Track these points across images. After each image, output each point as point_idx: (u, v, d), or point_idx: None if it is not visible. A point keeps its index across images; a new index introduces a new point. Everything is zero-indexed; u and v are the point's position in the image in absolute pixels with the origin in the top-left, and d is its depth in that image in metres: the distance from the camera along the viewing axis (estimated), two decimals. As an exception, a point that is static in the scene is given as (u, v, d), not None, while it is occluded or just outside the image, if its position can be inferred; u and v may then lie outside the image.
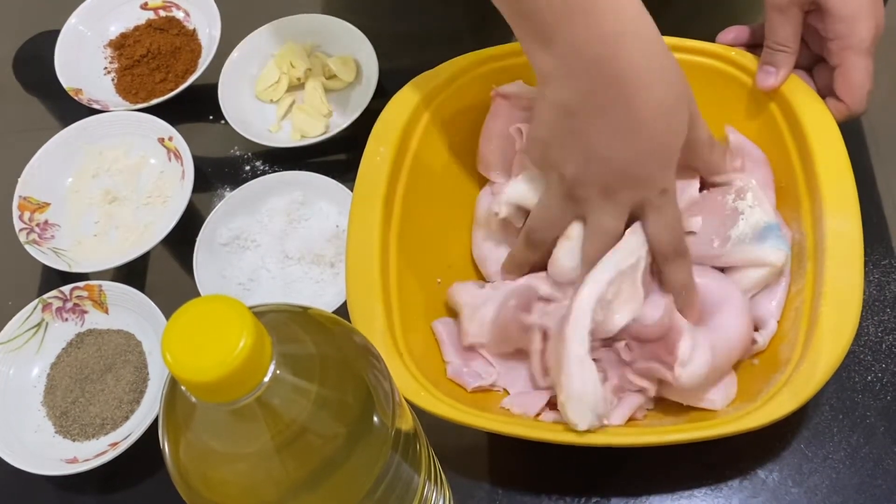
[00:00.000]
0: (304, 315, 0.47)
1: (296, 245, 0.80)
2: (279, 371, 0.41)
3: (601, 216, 0.62)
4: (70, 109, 0.91)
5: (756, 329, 0.65)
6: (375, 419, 0.45)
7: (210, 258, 0.80)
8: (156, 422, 0.62)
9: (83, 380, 0.76)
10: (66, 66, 0.93)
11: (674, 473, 0.67)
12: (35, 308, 0.78)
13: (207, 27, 0.94)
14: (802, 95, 0.68)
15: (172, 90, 0.90)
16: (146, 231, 0.83)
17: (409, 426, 0.49)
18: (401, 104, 0.71)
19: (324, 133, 0.86)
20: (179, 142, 0.85)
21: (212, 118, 0.90)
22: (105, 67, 0.95)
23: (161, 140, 0.86)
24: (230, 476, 0.44)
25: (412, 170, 0.70)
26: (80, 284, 0.79)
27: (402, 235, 0.68)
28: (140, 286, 0.79)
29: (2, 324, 0.78)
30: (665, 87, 0.59)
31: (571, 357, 0.60)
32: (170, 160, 0.86)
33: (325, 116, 0.87)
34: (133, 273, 0.83)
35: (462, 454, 0.69)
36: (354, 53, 0.89)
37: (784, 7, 0.67)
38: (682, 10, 0.88)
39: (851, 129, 0.70)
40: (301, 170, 0.83)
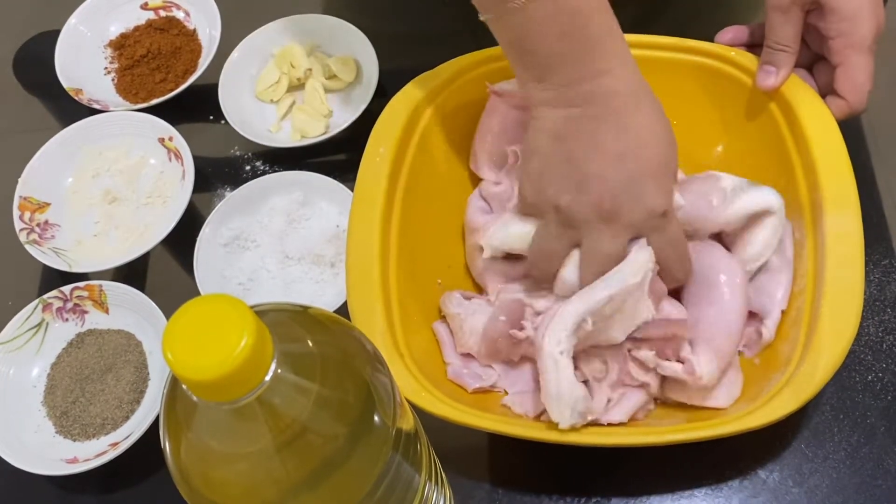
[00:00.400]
0: (305, 314, 0.47)
1: (296, 245, 0.80)
2: (280, 370, 0.41)
3: (598, 240, 0.61)
4: (70, 109, 0.91)
5: (760, 320, 0.65)
6: (376, 419, 0.45)
7: (210, 258, 0.80)
8: (156, 422, 0.62)
9: (83, 380, 0.76)
10: (66, 66, 0.93)
11: (674, 473, 0.67)
12: (35, 308, 0.78)
13: (207, 27, 0.94)
14: (802, 95, 0.68)
15: (172, 90, 0.90)
16: (146, 231, 0.83)
17: (410, 426, 0.49)
18: (401, 104, 0.71)
19: (324, 133, 0.86)
20: (179, 142, 0.85)
21: (212, 118, 0.90)
22: (105, 67, 0.95)
23: (161, 140, 0.86)
24: (231, 475, 0.44)
25: (412, 170, 0.70)
26: (81, 284, 0.79)
27: (403, 236, 0.68)
28: (140, 286, 0.79)
29: (2, 324, 0.78)
30: (654, 110, 0.61)
31: (546, 357, 0.60)
32: (170, 160, 0.86)
33: (325, 116, 0.87)
34: (133, 273, 0.83)
35: (462, 454, 0.69)
36: (354, 53, 0.89)
37: (785, 7, 0.67)
38: (682, 10, 0.88)
39: (851, 129, 0.70)
40: (301, 170, 0.83)
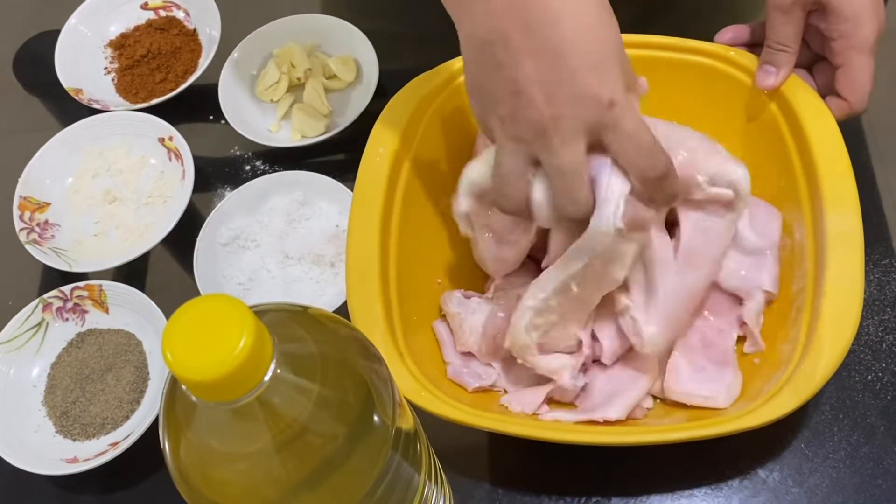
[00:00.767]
0: (305, 314, 0.47)
1: (296, 245, 0.80)
2: (280, 370, 0.41)
3: (553, 153, 0.55)
4: (70, 109, 0.91)
5: (740, 302, 0.65)
6: (376, 419, 0.45)
7: (210, 258, 0.80)
8: (156, 421, 0.62)
9: (83, 379, 0.76)
10: (66, 66, 0.93)
11: (674, 473, 0.67)
12: (35, 308, 0.78)
13: (207, 27, 0.94)
14: (802, 95, 0.68)
15: (172, 90, 0.90)
16: (146, 231, 0.83)
17: (410, 426, 0.49)
18: (401, 104, 0.71)
19: (324, 133, 0.86)
20: (179, 142, 0.85)
21: (212, 118, 0.90)
22: (105, 67, 0.95)
23: (161, 140, 0.86)
24: (231, 475, 0.44)
25: (412, 170, 0.70)
26: (81, 284, 0.79)
27: (402, 235, 0.68)
28: (140, 286, 0.79)
29: (2, 324, 0.78)
30: (584, 6, 0.55)
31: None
32: (170, 160, 0.86)
33: (325, 116, 0.87)
34: (133, 273, 0.83)
35: (462, 454, 0.69)
36: (354, 53, 0.89)
37: (787, 7, 0.66)
38: (682, 10, 0.88)
39: (851, 129, 0.70)
40: (301, 170, 0.83)
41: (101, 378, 0.76)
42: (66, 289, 0.79)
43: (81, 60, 0.94)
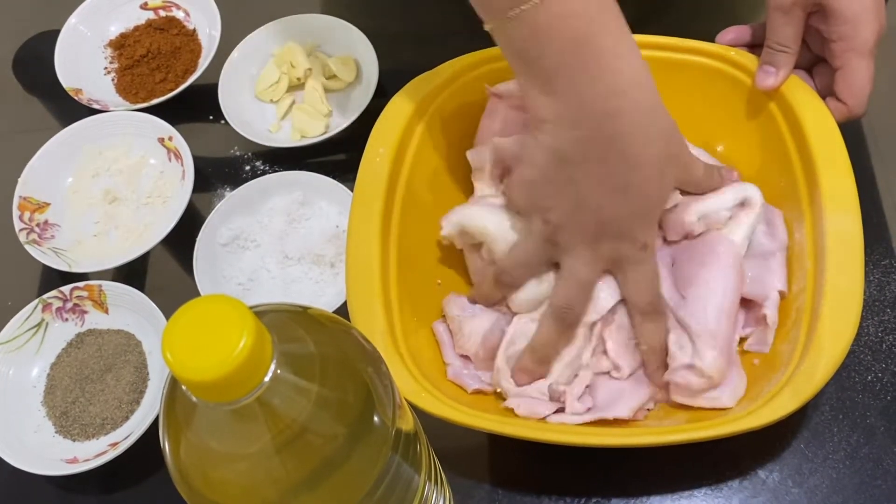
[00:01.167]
0: (305, 315, 0.47)
1: (296, 245, 0.80)
2: (280, 371, 0.41)
3: (577, 263, 0.62)
4: (70, 109, 0.91)
5: (759, 305, 0.65)
6: (376, 419, 0.45)
7: (210, 258, 0.80)
8: (156, 422, 0.62)
9: (83, 380, 0.76)
10: (66, 66, 0.93)
11: (674, 473, 0.67)
12: (35, 308, 0.78)
13: (207, 27, 0.94)
14: (802, 95, 0.68)
15: (172, 90, 0.90)
16: (146, 231, 0.83)
17: (410, 426, 0.49)
18: (401, 104, 0.71)
19: (324, 133, 0.86)
20: (179, 142, 0.85)
21: (212, 118, 0.90)
22: (105, 67, 0.95)
23: (161, 140, 0.86)
24: (231, 476, 0.44)
25: (412, 170, 0.70)
26: (80, 284, 0.79)
27: (402, 236, 0.68)
28: (140, 286, 0.79)
29: (2, 324, 0.78)
30: (663, 145, 0.60)
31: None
32: (170, 160, 0.86)
33: (325, 116, 0.87)
34: (133, 273, 0.83)
35: (462, 454, 0.69)
36: (354, 53, 0.89)
37: (787, 8, 0.66)
38: (683, 10, 0.88)
39: (851, 129, 0.69)
40: (301, 170, 0.83)
41: (101, 378, 0.76)
42: (66, 289, 0.79)
43: (81, 60, 0.94)
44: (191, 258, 0.79)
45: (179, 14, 0.96)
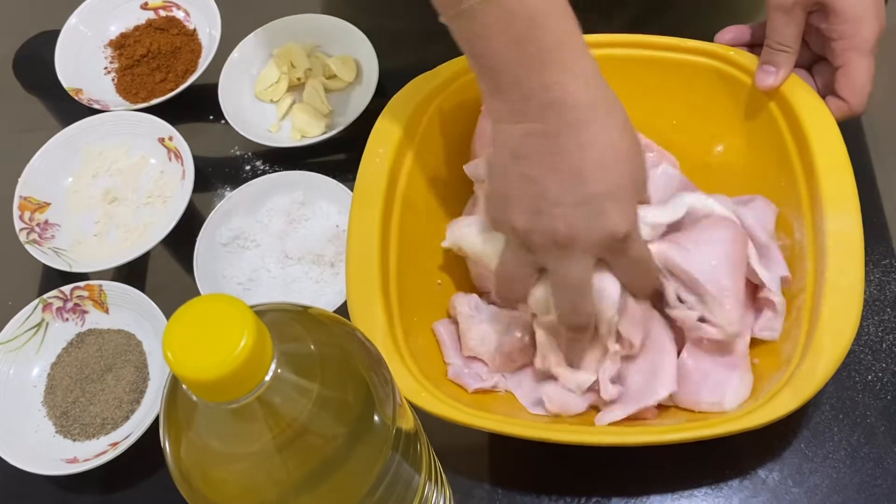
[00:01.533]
0: (305, 314, 0.47)
1: (296, 245, 0.80)
2: (280, 370, 0.41)
3: (561, 266, 0.59)
4: (70, 109, 0.91)
5: (755, 308, 0.65)
6: (376, 418, 0.45)
7: (210, 258, 0.80)
8: (156, 422, 0.62)
9: (83, 380, 0.76)
10: (66, 66, 0.93)
11: (674, 473, 0.67)
12: (35, 308, 0.78)
13: (207, 27, 0.94)
14: (802, 95, 0.68)
15: (172, 90, 0.90)
16: (146, 231, 0.83)
17: (410, 426, 0.49)
18: (400, 105, 0.71)
19: (324, 133, 0.86)
20: (179, 142, 0.85)
21: (212, 118, 0.90)
22: (105, 67, 0.95)
23: (161, 140, 0.86)
24: (231, 475, 0.44)
25: (412, 171, 0.70)
26: (81, 284, 0.79)
27: (402, 236, 0.68)
28: (140, 286, 0.79)
29: (2, 324, 0.78)
30: (615, 124, 0.58)
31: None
32: (170, 160, 0.86)
33: (325, 116, 0.87)
34: (133, 273, 0.83)
35: (462, 454, 0.69)
36: (354, 53, 0.89)
37: (788, 8, 0.66)
38: (682, 10, 0.88)
39: (851, 129, 0.70)
40: (301, 170, 0.83)
41: (101, 378, 0.76)
42: (66, 289, 0.79)
43: (81, 60, 0.94)
44: (191, 258, 0.79)
45: (179, 14, 0.96)
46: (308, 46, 0.91)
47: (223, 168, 0.88)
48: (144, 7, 0.97)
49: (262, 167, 0.87)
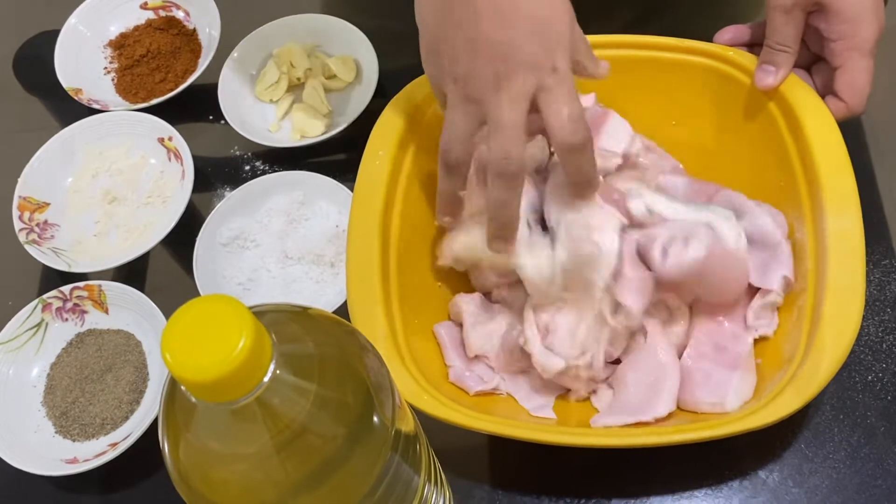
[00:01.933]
0: (304, 315, 0.47)
1: (296, 245, 0.80)
2: (279, 371, 0.41)
3: (498, 110, 0.59)
4: (70, 109, 0.91)
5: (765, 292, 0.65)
6: (375, 419, 0.45)
7: (210, 258, 0.80)
8: (156, 422, 0.62)
9: (83, 380, 0.76)
10: (66, 66, 0.93)
11: (674, 473, 0.67)
12: (35, 308, 0.78)
13: (207, 27, 0.94)
14: (802, 94, 0.68)
15: (172, 90, 0.90)
16: (146, 231, 0.83)
17: (410, 427, 0.49)
18: (400, 105, 0.71)
19: (324, 133, 0.85)
20: (179, 142, 0.85)
21: (212, 118, 0.90)
22: (105, 67, 0.95)
23: (161, 140, 0.86)
24: (230, 476, 0.44)
25: (412, 172, 0.70)
26: (80, 284, 0.79)
27: (403, 238, 0.68)
28: (140, 286, 0.79)
29: (2, 324, 0.78)
30: None
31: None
32: (170, 160, 0.86)
33: (325, 116, 0.87)
34: (133, 273, 0.83)
35: (462, 455, 0.69)
36: (354, 53, 0.89)
37: (787, 8, 0.66)
38: (682, 10, 0.88)
39: (851, 129, 0.70)
40: (301, 170, 0.83)
41: (101, 378, 0.76)
42: (66, 289, 0.79)
43: (81, 60, 0.94)
44: (191, 258, 0.79)
45: (179, 14, 0.96)
46: (308, 46, 0.91)
47: (223, 168, 0.88)
48: (144, 7, 0.97)
49: (262, 167, 0.87)
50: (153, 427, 0.71)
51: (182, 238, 0.81)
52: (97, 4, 0.96)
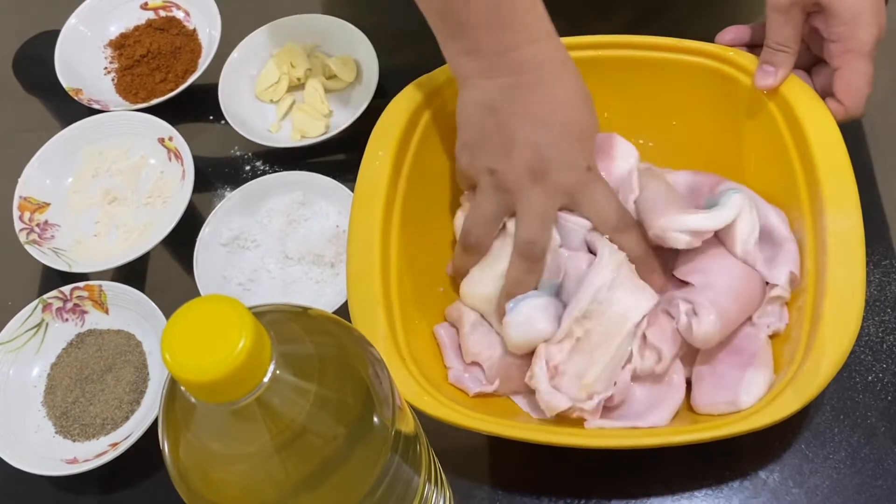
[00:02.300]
0: (304, 315, 0.47)
1: (296, 245, 0.80)
2: (279, 371, 0.41)
3: (530, 198, 0.64)
4: (70, 109, 0.91)
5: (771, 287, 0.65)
6: (375, 419, 0.45)
7: (210, 258, 0.80)
8: (156, 422, 0.62)
9: (83, 380, 0.76)
10: (66, 66, 0.93)
11: (674, 474, 0.67)
12: (35, 308, 0.78)
13: (207, 27, 0.94)
14: (802, 95, 0.68)
15: (172, 90, 0.90)
16: (146, 231, 0.83)
17: (410, 428, 0.49)
18: (400, 106, 0.71)
19: (324, 133, 0.85)
20: (179, 142, 0.85)
21: (212, 118, 0.90)
22: (105, 67, 0.95)
23: (161, 140, 0.86)
24: (230, 476, 0.44)
25: (412, 173, 0.70)
26: (81, 284, 0.79)
27: (403, 239, 0.68)
28: (140, 286, 0.79)
29: (2, 324, 0.78)
30: (576, 80, 0.66)
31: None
32: (170, 160, 0.86)
33: (325, 116, 0.87)
34: (133, 273, 0.83)
35: (462, 455, 0.69)
36: (354, 53, 0.89)
37: (786, 8, 0.66)
38: (682, 10, 0.88)
39: (851, 129, 0.69)
40: (301, 170, 0.83)
41: (101, 378, 0.76)
42: (66, 289, 0.79)
43: (81, 60, 0.94)
44: (191, 258, 0.79)
45: (179, 14, 0.96)
46: (308, 46, 0.91)
47: (223, 168, 0.88)
48: (144, 7, 0.97)
49: (262, 167, 0.87)
50: (153, 427, 0.71)
51: (182, 238, 0.81)
52: (97, 4, 0.96)
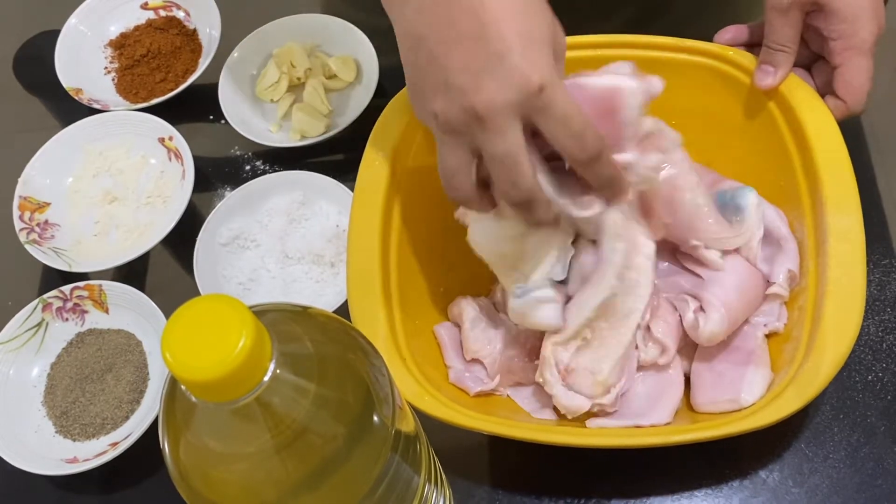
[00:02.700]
0: (304, 315, 0.47)
1: (296, 245, 0.80)
2: (279, 370, 0.41)
3: (491, 142, 0.55)
4: (70, 109, 0.91)
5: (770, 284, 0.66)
6: (375, 419, 0.45)
7: (210, 258, 0.80)
8: (156, 422, 0.62)
9: (83, 380, 0.76)
10: (66, 66, 0.93)
11: (674, 473, 0.67)
12: (35, 308, 0.78)
13: (207, 27, 0.94)
14: (802, 94, 0.68)
15: (172, 90, 0.90)
16: (146, 231, 0.83)
17: (410, 427, 0.49)
18: (401, 105, 0.71)
19: (324, 133, 0.85)
20: (179, 142, 0.85)
21: (212, 118, 0.90)
22: (105, 67, 0.95)
23: (161, 140, 0.86)
24: (230, 476, 0.44)
25: (412, 173, 0.70)
26: (81, 284, 0.79)
27: (403, 239, 0.68)
28: (140, 286, 0.79)
29: (2, 324, 0.78)
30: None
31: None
32: (170, 160, 0.86)
33: (325, 116, 0.87)
34: (133, 273, 0.83)
35: (462, 455, 0.69)
36: (354, 53, 0.89)
37: (785, 8, 0.66)
38: (682, 11, 0.88)
39: (851, 129, 0.70)
40: (301, 170, 0.83)
41: (101, 378, 0.76)
42: (66, 289, 0.79)
43: (81, 60, 0.94)
44: (191, 258, 0.79)
45: (179, 14, 0.96)
46: (308, 46, 0.91)
47: (223, 168, 0.88)
48: (144, 7, 0.97)
49: (262, 167, 0.87)
50: (153, 427, 0.71)
51: (182, 238, 0.81)
52: (97, 4, 0.96)
